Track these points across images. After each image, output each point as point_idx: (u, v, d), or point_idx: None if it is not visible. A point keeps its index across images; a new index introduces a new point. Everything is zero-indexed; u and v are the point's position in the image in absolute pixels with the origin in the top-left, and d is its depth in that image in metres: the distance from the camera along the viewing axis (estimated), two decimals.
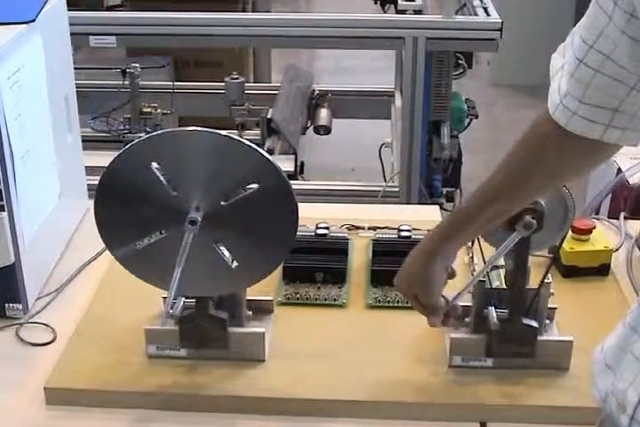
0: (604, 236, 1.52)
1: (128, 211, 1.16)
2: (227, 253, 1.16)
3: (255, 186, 1.12)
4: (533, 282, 1.22)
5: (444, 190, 3.07)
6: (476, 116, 3.18)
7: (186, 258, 1.14)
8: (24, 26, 1.38)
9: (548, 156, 1.06)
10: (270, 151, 2.92)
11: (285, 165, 2.85)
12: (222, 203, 1.14)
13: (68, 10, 1.62)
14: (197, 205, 1.13)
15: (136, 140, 1.12)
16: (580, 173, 1.11)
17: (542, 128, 1.05)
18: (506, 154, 1.10)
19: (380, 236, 1.54)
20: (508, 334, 1.22)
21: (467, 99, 3.19)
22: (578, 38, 0.97)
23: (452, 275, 1.20)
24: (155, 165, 1.12)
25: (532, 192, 1.13)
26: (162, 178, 1.12)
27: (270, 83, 4.08)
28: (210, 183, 1.13)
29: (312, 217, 1.54)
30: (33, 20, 1.40)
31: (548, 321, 1.27)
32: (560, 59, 1.03)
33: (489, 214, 1.12)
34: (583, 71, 0.96)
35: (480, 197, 1.13)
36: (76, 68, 1.68)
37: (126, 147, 1.12)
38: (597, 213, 1.93)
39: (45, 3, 1.50)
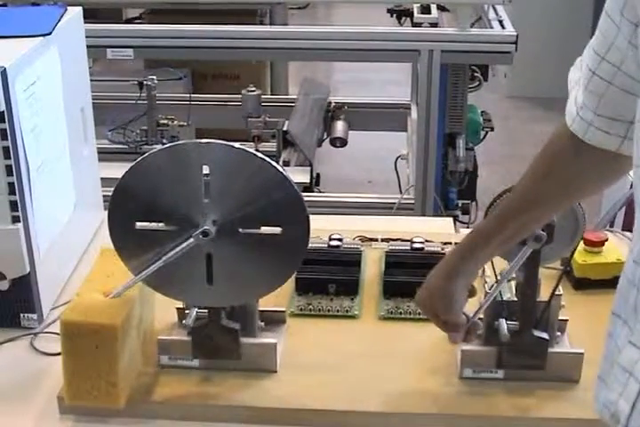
0: (617, 248, 1.52)
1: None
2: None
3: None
4: (544, 294, 1.23)
5: (460, 203, 3.07)
6: (492, 129, 3.18)
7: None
8: (40, 39, 1.40)
9: (563, 168, 1.06)
10: (286, 163, 2.93)
11: (301, 176, 2.86)
12: (235, 215, 1.14)
13: (87, 22, 1.64)
14: (212, 217, 1.14)
15: (146, 154, 1.13)
16: (596, 188, 1.11)
17: (559, 141, 1.05)
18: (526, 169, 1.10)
19: (393, 247, 1.54)
20: (519, 346, 1.22)
21: (482, 111, 3.19)
22: (591, 50, 0.98)
23: (472, 293, 1.20)
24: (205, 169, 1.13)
25: (547, 208, 1.12)
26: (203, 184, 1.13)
27: (287, 95, 4.09)
28: (223, 195, 1.14)
29: (326, 229, 1.55)
30: (49, 33, 1.42)
31: (559, 333, 1.27)
32: (577, 72, 1.04)
33: (508, 232, 1.12)
34: (596, 83, 0.97)
35: (499, 215, 1.13)
36: (93, 81, 1.69)
37: (138, 160, 1.13)
38: (612, 225, 1.93)
39: (62, 16, 1.52)
